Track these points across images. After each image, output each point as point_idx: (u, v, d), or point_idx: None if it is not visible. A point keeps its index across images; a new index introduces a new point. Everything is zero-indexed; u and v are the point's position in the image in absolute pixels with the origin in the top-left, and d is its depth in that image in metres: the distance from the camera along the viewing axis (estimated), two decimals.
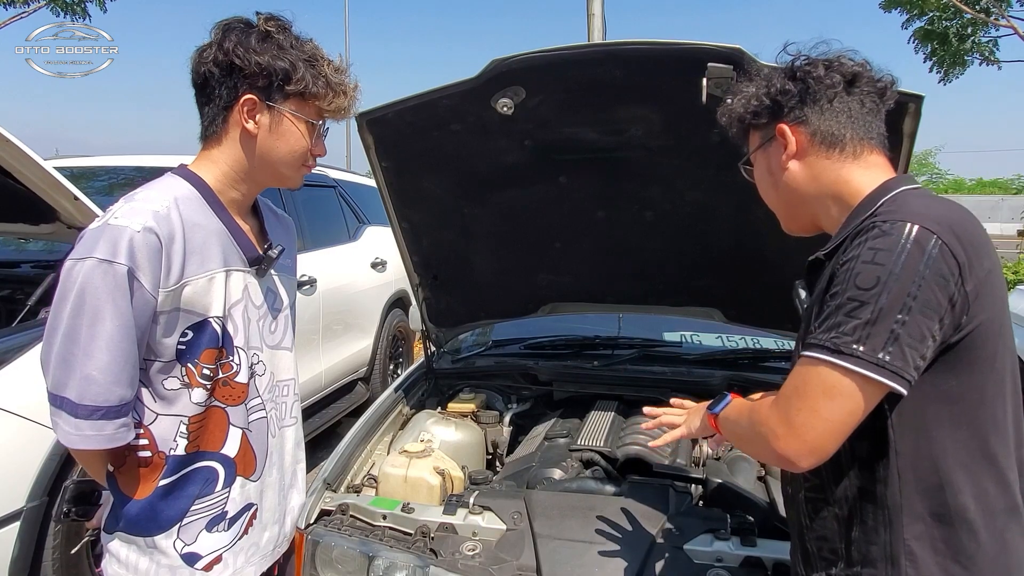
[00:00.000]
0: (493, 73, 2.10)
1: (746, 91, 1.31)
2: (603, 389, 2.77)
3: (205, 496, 1.38)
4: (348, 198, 5.76)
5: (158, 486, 1.33)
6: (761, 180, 1.35)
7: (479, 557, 1.80)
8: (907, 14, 10.39)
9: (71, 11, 10.21)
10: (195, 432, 1.34)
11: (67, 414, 1.22)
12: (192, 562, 1.37)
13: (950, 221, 1.05)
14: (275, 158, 1.37)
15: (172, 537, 1.35)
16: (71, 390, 1.21)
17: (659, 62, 2.01)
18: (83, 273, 1.20)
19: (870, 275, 1.02)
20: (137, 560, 1.35)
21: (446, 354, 3.13)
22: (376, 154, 2.45)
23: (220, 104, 1.32)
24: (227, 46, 1.28)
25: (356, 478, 2.25)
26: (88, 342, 1.20)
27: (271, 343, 1.49)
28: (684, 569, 1.72)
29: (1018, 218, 23.51)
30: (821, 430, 1.04)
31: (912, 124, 1.88)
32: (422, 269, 2.85)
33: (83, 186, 3.21)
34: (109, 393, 1.22)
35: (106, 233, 1.22)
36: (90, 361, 1.20)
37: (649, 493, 1.99)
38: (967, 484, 1.08)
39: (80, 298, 1.20)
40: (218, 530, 1.40)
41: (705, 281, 2.73)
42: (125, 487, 1.34)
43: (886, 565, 1.10)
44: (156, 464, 1.33)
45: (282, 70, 1.30)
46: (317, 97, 1.34)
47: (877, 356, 1.00)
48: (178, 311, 1.30)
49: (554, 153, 2.41)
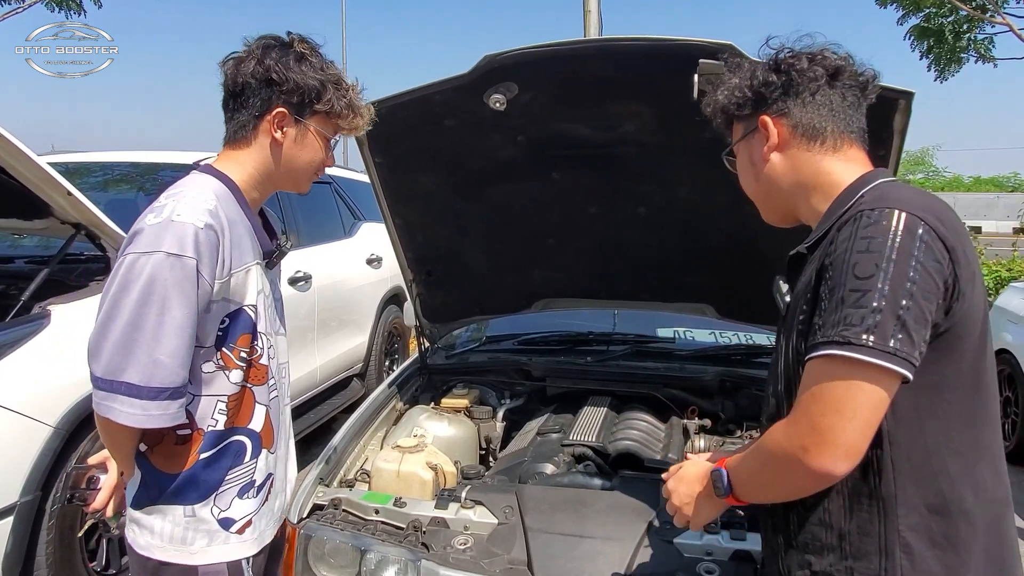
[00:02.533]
0: (485, 69, 2.10)
1: (730, 83, 1.32)
2: (596, 385, 2.78)
3: (237, 467, 1.50)
4: (344, 194, 5.75)
5: (199, 459, 1.45)
6: (743, 170, 1.36)
7: (470, 551, 1.81)
8: (902, 10, 10.40)
9: (66, 6, 10.19)
10: (233, 409, 1.47)
11: (126, 396, 1.31)
12: (227, 526, 1.50)
13: (934, 209, 1.06)
14: (295, 166, 1.52)
15: (209, 504, 1.47)
16: (133, 374, 1.30)
17: (651, 58, 2.02)
18: (151, 265, 1.30)
19: (867, 264, 1.01)
20: (172, 529, 1.46)
21: (440, 350, 3.14)
22: (369, 150, 2.45)
23: (253, 112, 1.45)
24: (268, 62, 1.42)
25: (349, 473, 2.26)
26: (157, 329, 1.30)
27: (274, 329, 1.60)
28: (674, 562, 1.73)
29: (1014, 216, 23.57)
30: (851, 430, 1.00)
31: (903, 120, 1.89)
32: (416, 265, 2.85)
33: (78, 182, 3.21)
34: (175, 375, 1.34)
35: (171, 229, 1.32)
36: (159, 346, 1.31)
37: (640, 488, 2.00)
38: (963, 474, 1.08)
39: (148, 288, 1.30)
40: (248, 497, 1.52)
41: (698, 277, 2.74)
42: (162, 463, 1.45)
43: (881, 557, 1.08)
44: (195, 440, 1.45)
45: (314, 90, 1.45)
46: (340, 116, 1.50)
47: (889, 344, 0.98)
48: (223, 300, 1.42)
49: (547, 149, 2.42)
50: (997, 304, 5.46)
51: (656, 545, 1.77)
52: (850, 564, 1.11)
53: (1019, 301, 5.20)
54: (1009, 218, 31.02)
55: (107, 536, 2.86)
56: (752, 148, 1.30)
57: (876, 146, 1.91)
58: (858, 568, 1.10)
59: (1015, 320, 5.05)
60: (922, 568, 1.07)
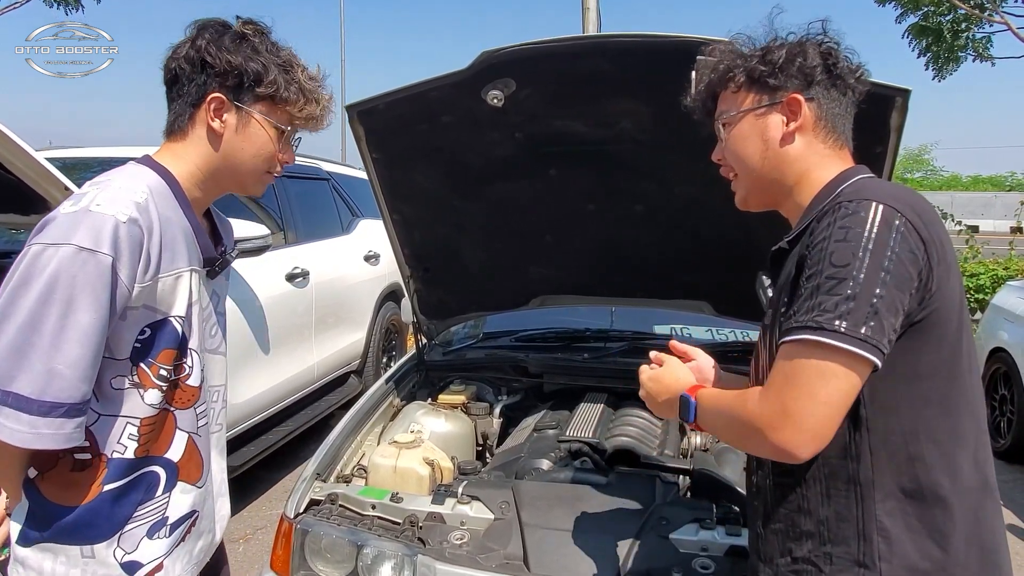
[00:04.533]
0: (483, 65, 2.10)
1: (740, 48, 1.28)
2: (593, 381, 2.78)
3: (147, 501, 1.31)
4: (342, 191, 5.76)
5: (103, 491, 1.24)
6: (744, 143, 1.28)
7: (467, 546, 1.81)
8: (901, 8, 10.40)
9: (64, 2, 10.17)
10: (147, 435, 1.28)
11: (13, 410, 1.12)
12: (132, 571, 1.30)
13: (910, 202, 1.08)
14: (240, 160, 1.34)
15: (113, 545, 1.27)
16: (24, 384, 1.12)
17: (649, 55, 2.02)
18: (58, 260, 1.12)
19: (844, 253, 1.03)
20: (67, 571, 1.25)
21: (437, 346, 3.14)
22: (367, 146, 2.45)
23: (188, 100, 1.30)
24: (200, 43, 1.27)
25: (346, 468, 2.26)
26: (57, 334, 1.12)
27: (209, 347, 1.43)
28: (670, 558, 1.74)
29: (1011, 215, 23.58)
30: (821, 415, 1.02)
31: (899, 118, 1.89)
32: (413, 261, 2.85)
33: (75, 177, 3.20)
34: (74, 389, 1.14)
35: (87, 219, 1.14)
36: (58, 354, 1.12)
37: (636, 484, 2.00)
38: (939, 461, 1.09)
39: (50, 286, 1.12)
40: (159, 536, 1.33)
41: (695, 274, 2.74)
42: (55, 494, 1.24)
43: (859, 541, 1.10)
44: (96, 467, 1.24)
45: (253, 71, 1.28)
46: (288, 102, 1.33)
47: (860, 332, 1.00)
48: (143, 308, 1.24)
49: (544, 146, 2.42)
50: (993, 303, 5.47)
51: (652, 541, 1.77)
52: (829, 550, 1.12)
53: (1015, 300, 5.21)
54: (1007, 217, 31.03)
55: None
56: (767, 124, 1.25)
57: (873, 143, 1.93)
58: (836, 553, 1.12)
59: (1011, 319, 5.06)
60: (899, 552, 1.08)
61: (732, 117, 1.29)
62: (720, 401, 1.24)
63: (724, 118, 1.31)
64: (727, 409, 1.19)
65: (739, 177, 1.33)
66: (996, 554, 1.14)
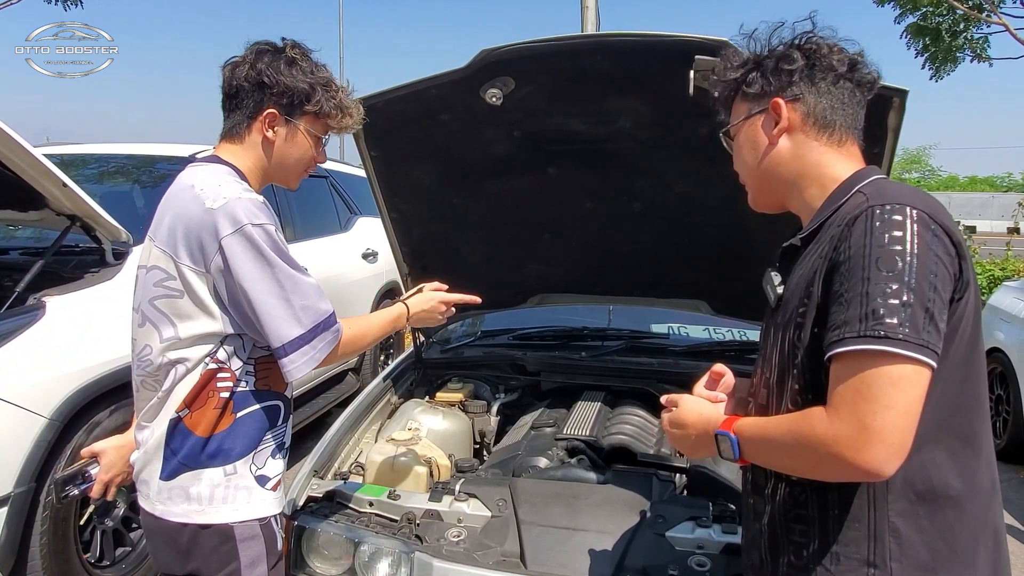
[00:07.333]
0: (482, 63, 2.10)
1: (742, 56, 1.30)
2: (590, 380, 2.79)
3: (273, 428, 1.58)
4: (340, 189, 5.75)
5: (237, 417, 1.51)
6: (741, 151, 1.32)
7: (464, 543, 1.82)
8: (899, 8, 10.42)
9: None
10: (263, 371, 1.54)
11: (297, 353, 1.44)
12: (263, 484, 1.56)
13: (934, 206, 1.08)
14: (286, 163, 1.61)
15: (248, 462, 1.54)
16: (297, 327, 1.44)
17: (647, 54, 2.02)
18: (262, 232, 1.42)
19: (890, 258, 1.02)
20: (212, 491, 1.50)
21: (435, 344, 3.15)
22: (365, 143, 2.45)
23: (246, 112, 1.55)
24: (260, 67, 1.52)
25: (344, 466, 2.27)
26: (287, 280, 1.44)
27: None
28: (666, 555, 1.74)
29: (1008, 215, 23.66)
30: (904, 426, 0.99)
31: (896, 118, 1.90)
32: (411, 259, 2.85)
33: (73, 173, 3.20)
34: (319, 308, 1.47)
35: (240, 205, 1.42)
36: (300, 290, 1.45)
37: (633, 481, 2.01)
38: (951, 463, 1.09)
39: (273, 254, 1.43)
40: (279, 457, 1.60)
41: (692, 273, 2.75)
42: (198, 426, 1.49)
43: (869, 542, 1.09)
44: (233, 400, 1.51)
45: (303, 92, 1.54)
46: (328, 116, 1.60)
47: (922, 337, 0.99)
48: None
49: (543, 144, 2.42)
50: (990, 303, 5.48)
51: (648, 538, 1.78)
52: (836, 549, 1.12)
53: (1012, 300, 5.22)
54: (1003, 218, 31.16)
55: (101, 528, 2.86)
56: (758, 130, 1.27)
57: (871, 144, 1.93)
58: (844, 553, 1.11)
59: (1007, 319, 5.08)
60: (910, 552, 1.08)
61: (732, 127, 1.33)
62: (769, 431, 1.15)
63: (729, 129, 1.35)
64: (784, 437, 1.11)
65: (745, 182, 1.36)
66: (999, 552, 1.15)
